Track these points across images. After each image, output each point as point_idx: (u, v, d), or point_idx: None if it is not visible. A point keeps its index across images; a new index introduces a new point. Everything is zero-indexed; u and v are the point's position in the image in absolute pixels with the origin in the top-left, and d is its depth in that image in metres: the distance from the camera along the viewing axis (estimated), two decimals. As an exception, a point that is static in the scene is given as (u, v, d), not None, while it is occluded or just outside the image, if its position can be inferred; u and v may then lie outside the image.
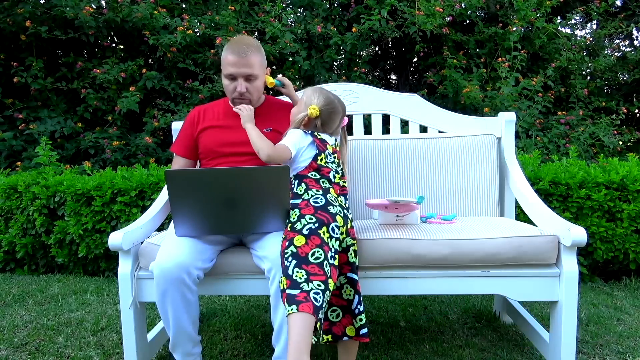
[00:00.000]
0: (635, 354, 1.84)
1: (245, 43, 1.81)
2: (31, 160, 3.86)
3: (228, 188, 1.46)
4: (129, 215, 2.81)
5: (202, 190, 1.46)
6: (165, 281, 1.49)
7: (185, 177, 1.44)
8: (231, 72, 1.80)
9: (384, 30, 4.30)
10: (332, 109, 1.73)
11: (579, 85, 4.56)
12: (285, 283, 1.39)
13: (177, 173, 1.44)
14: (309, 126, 1.74)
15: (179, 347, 1.59)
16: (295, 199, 1.59)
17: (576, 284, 1.57)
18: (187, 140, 1.94)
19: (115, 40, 4.79)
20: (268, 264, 1.51)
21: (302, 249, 1.43)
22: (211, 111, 1.95)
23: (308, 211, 1.52)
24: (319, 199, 1.57)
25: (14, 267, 3.14)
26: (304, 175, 1.64)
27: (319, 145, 1.67)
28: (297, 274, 1.39)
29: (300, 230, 1.47)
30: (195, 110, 1.97)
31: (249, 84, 1.82)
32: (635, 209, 2.54)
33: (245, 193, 1.47)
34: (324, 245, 1.45)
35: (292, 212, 1.55)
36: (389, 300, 2.47)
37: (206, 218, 1.54)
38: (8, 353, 1.92)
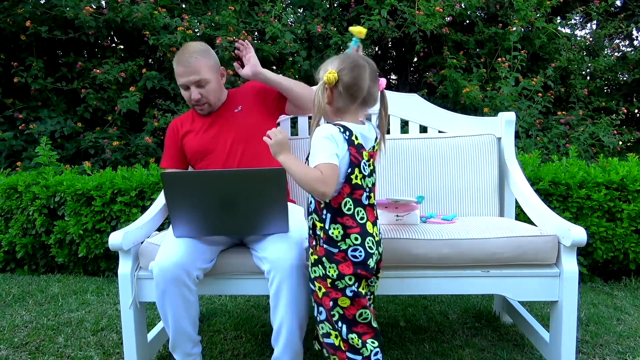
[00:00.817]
0: (635, 354, 1.84)
1: (189, 51, 1.84)
2: (31, 160, 3.85)
3: (225, 190, 1.45)
4: (129, 215, 2.81)
5: (199, 192, 1.46)
6: (164, 281, 1.49)
7: (182, 179, 1.45)
8: (181, 82, 1.85)
9: (384, 30, 4.30)
10: (354, 65, 1.34)
11: (579, 85, 4.56)
12: (344, 346, 1.36)
13: (173, 175, 1.45)
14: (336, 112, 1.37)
15: (179, 347, 1.59)
16: (330, 245, 1.34)
17: (576, 284, 1.57)
18: (173, 151, 1.97)
19: (115, 40, 4.79)
20: (267, 265, 1.52)
21: (348, 310, 1.35)
22: (186, 119, 1.99)
23: (347, 270, 1.33)
24: (357, 252, 1.33)
25: (14, 267, 3.14)
26: (337, 210, 1.34)
27: (353, 157, 1.33)
28: (352, 340, 1.35)
29: (343, 290, 1.34)
30: (172, 123, 2.01)
31: (202, 89, 1.86)
32: (635, 209, 2.54)
33: (242, 194, 1.47)
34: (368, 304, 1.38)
35: (329, 264, 1.34)
36: (389, 300, 2.47)
37: (204, 220, 1.54)
38: (8, 353, 1.92)
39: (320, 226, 1.36)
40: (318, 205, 1.37)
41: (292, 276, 1.49)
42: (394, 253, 1.62)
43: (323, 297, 1.37)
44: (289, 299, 1.50)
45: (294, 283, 1.49)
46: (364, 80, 1.35)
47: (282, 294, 1.50)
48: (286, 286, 1.49)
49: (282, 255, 1.50)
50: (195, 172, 1.47)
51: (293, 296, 1.50)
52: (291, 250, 1.51)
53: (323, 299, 1.37)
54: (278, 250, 1.52)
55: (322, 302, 1.37)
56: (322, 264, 1.36)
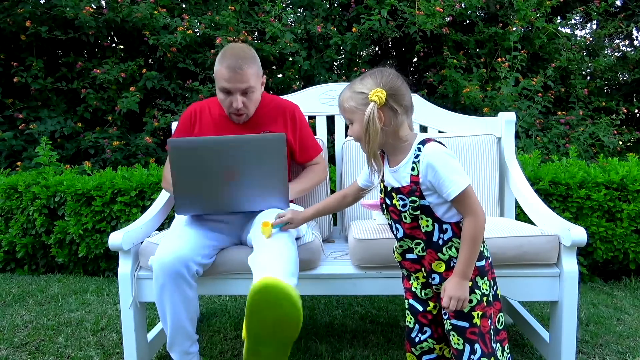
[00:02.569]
0: (635, 354, 1.84)
1: (241, 56, 1.72)
2: (31, 160, 3.85)
3: (228, 157, 1.49)
4: (129, 215, 2.81)
5: (203, 160, 1.49)
6: (164, 274, 1.49)
7: (188, 145, 1.48)
8: (227, 87, 1.72)
9: (384, 30, 4.30)
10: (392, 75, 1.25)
11: (579, 85, 4.56)
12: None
13: (179, 142, 1.48)
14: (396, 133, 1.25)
15: (177, 344, 1.59)
16: (479, 260, 1.25)
17: (576, 284, 1.57)
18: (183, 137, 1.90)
19: (115, 40, 4.79)
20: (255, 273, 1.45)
21: (493, 320, 1.30)
22: (207, 113, 1.90)
23: (492, 276, 1.30)
24: (488, 253, 1.32)
25: (14, 267, 3.14)
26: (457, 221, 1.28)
27: None
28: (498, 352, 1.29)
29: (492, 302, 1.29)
30: (191, 108, 1.92)
31: (246, 98, 1.76)
32: (635, 209, 2.54)
33: (245, 162, 1.50)
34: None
35: (481, 280, 1.26)
36: (389, 300, 2.47)
37: (207, 192, 1.55)
38: (8, 353, 1.92)
39: None
40: (456, 228, 1.26)
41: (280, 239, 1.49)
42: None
43: (482, 322, 1.26)
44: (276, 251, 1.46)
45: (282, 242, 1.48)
46: (406, 87, 1.26)
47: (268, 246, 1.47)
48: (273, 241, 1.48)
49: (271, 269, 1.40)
50: (201, 138, 1.50)
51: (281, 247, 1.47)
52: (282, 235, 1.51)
53: (482, 324, 1.26)
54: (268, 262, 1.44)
55: (481, 327, 1.26)
56: (477, 285, 1.25)
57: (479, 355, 1.26)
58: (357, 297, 2.53)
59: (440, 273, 1.28)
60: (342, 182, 2.17)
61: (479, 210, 1.21)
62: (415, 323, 1.37)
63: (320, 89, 2.29)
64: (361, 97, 1.23)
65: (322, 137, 2.24)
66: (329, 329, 2.12)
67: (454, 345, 1.28)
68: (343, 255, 1.84)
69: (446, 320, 1.29)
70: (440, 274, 1.27)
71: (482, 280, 1.26)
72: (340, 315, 2.30)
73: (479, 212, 1.21)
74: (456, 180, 1.19)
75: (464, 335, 1.26)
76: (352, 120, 1.27)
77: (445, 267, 1.27)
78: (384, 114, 1.22)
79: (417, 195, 1.24)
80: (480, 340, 1.26)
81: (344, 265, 1.71)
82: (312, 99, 2.27)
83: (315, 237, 1.71)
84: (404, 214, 1.28)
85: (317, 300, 2.50)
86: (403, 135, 1.26)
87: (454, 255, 1.25)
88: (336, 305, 2.44)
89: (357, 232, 1.71)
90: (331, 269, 1.69)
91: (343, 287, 1.66)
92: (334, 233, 2.23)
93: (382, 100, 1.20)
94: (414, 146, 1.25)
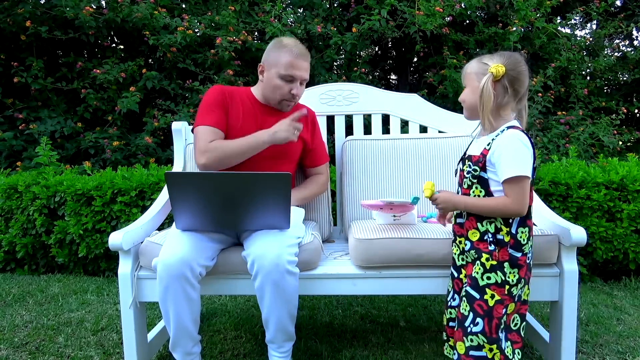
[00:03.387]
0: (635, 353, 1.84)
1: (304, 48, 1.82)
2: (31, 160, 3.85)
3: (229, 190, 1.46)
4: (129, 215, 2.81)
5: (202, 192, 1.47)
6: (168, 277, 1.50)
7: (186, 180, 1.45)
8: (292, 73, 1.77)
9: (384, 30, 4.30)
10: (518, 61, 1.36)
11: (579, 85, 4.56)
12: (500, 357, 1.33)
13: (177, 175, 1.44)
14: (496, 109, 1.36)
15: (179, 346, 1.59)
16: (516, 249, 1.34)
17: (576, 284, 1.57)
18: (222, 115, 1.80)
19: (115, 40, 4.79)
20: (251, 259, 1.53)
21: (509, 317, 1.36)
22: (239, 101, 1.85)
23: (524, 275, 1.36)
24: (531, 254, 1.39)
25: (14, 267, 3.14)
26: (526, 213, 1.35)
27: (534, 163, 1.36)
28: (507, 349, 1.35)
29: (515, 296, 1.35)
30: (220, 88, 1.84)
31: (301, 89, 1.84)
32: (635, 209, 2.54)
33: (247, 197, 1.48)
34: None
35: (510, 269, 1.33)
36: (389, 300, 2.47)
37: (207, 216, 1.55)
38: (8, 353, 1.92)
39: (506, 230, 1.34)
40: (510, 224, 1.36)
41: (274, 271, 1.50)
42: (394, 253, 1.62)
43: (495, 305, 1.33)
44: (274, 293, 1.52)
45: (277, 278, 1.50)
46: (526, 76, 1.37)
47: (266, 289, 1.52)
48: (269, 282, 1.51)
49: (266, 250, 1.51)
50: (200, 173, 1.47)
51: (280, 290, 1.51)
52: (277, 247, 1.52)
53: (495, 307, 1.33)
54: (262, 244, 1.53)
55: (494, 311, 1.33)
56: (502, 269, 1.33)
57: (479, 329, 1.34)
58: (357, 297, 2.53)
59: (472, 241, 1.39)
60: (342, 182, 2.17)
61: (520, 203, 1.30)
62: (451, 288, 1.50)
63: (320, 89, 2.29)
64: (483, 67, 1.36)
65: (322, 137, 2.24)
66: (329, 329, 2.13)
67: (461, 310, 1.39)
68: (343, 255, 1.84)
69: (465, 286, 1.39)
70: (472, 242, 1.39)
71: (510, 269, 1.34)
72: (340, 315, 2.30)
73: (518, 204, 1.30)
74: (514, 166, 1.30)
75: (472, 304, 1.36)
76: (467, 85, 1.41)
77: (479, 238, 1.37)
78: (496, 88, 1.34)
79: (480, 167, 1.36)
80: (487, 318, 1.33)
81: (344, 265, 1.72)
82: (312, 99, 2.27)
83: (315, 237, 1.71)
84: (465, 179, 1.42)
85: (317, 300, 2.51)
86: (503, 114, 1.38)
87: (491, 230, 1.35)
88: (336, 305, 2.44)
89: (357, 232, 1.71)
90: (331, 269, 1.69)
91: (343, 287, 1.66)
92: (334, 233, 2.23)
93: (498, 75, 1.32)
94: (502, 127, 1.37)
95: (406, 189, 2.10)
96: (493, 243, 1.35)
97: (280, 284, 1.51)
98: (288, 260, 1.52)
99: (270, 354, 1.63)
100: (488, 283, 1.34)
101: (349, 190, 2.13)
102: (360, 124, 2.30)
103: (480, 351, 1.34)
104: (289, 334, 1.61)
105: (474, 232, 1.38)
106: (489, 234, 1.35)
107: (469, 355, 1.35)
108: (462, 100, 1.44)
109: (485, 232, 1.36)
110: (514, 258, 1.34)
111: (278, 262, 1.50)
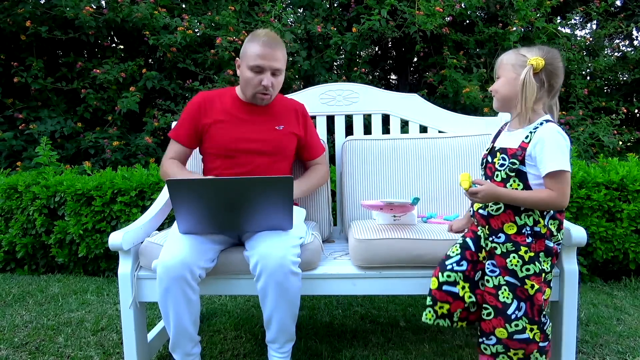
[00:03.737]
0: (635, 354, 1.84)
1: (274, 37, 1.78)
2: (31, 160, 3.85)
3: (231, 195, 1.46)
4: (129, 215, 2.81)
5: (204, 197, 1.47)
6: (168, 279, 1.50)
7: (188, 186, 1.45)
8: (260, 64, 1.74)
9: (384, 30, 4.30)
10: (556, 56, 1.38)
11: (579, 85, 4.56)
12: (540, 337, 1.39)
13: (179, 182, 1.44)
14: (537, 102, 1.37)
15: (179, 347, 1.59)
16: (550, 239, 1.40)
17: (576, 284, 1.57)
18: (188, 129, 1.87)
19: (115, 40, 4.79)
20: (254, 259, 1.53)
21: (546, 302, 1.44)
22: (219, 102, 1.88)
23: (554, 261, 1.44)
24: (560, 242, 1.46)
25: (14, 267, 3.14)
26: None
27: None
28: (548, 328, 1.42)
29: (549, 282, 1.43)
30: (199, 97, 1.89)
31: (274, 79, 1.79)
32: (635, 209, 2.54)
33: (248, 201, 1.48)
34: None
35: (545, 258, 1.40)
36: (389, 300, 2.47)
37: (209, 220, 1.55)
38: (8, 353, 1.92)
39: (543, 223, 1.39)
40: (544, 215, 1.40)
41: (278, 272, 1.50)
42: (394, 253, 1.62)
43: (536, 294, 1.37)
44: (278, 293, 1.51)
45: (281, 279, 1.50)
46: (562, 72, 1.39)
47: (269, 290, 1.52)
48: (273, 282, 1.50)
49: (270, 251, 1.51)
50: (202, 179, 1.48)
51: (283, 290, 1.51)
52: (281, 248, 1.52)
53: (536, 296, 1.37)
54: (266, 245, 1.53)
55: (534, 298, 1.37)
56: (539, 259, 1.38)
57: (523, 312, 1.37)
58: (357, 297, 2.53)
59: (508, 235, 1.40)
60: (342, 182, 2.17)
61: (565, 196, 1.33)
62: (459, 254, 1.49)
63: (320, 89, 2.29)
64: (521, 59, 1.36)
65: (322, 137, 2.24)
66: (329, 329, 2.13)
67: (501, 299, 1.39)
68: (343, 255, 1.84)
69: (497, 277, 1.41)
70: (509, 236, 1.40)
71: (545, 258, 1.39)
72: (340, 315, 2.30)
73: (563, 197, 1.33)
74: (556, 159, 1.32)
75: (515, 292, 1.38)
76: (500, 75, 1.42)
77: (517, 231, 1.39)
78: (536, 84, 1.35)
79: (519, 160, 1.37)
80: (529, 303, 1.37)
81: (344, 265, 1.72)
82: (312, 99, 2.27)
83: (315, 237, 1.71)
84: (497, 172, 1.42)
85: (317, 300, 2.51)
86: (537, 109, 1.39)
87: (529, 224, 1.38)
88: (336, 305, 2.44)
89: (357, 232, 1.71)
90: (331, 269, 1.69)
91: (343, 287, 1.66)
92: (334, 233, 2.23)
93: (538, 67, 1.33)
94: (539, 121, 1.38)
95: (406, 189, 2.10)
96: (531, 235, 1.39)
97: (283, 284, 1.51)
98: (292, 261, 1.52)
99: (270, 354, 1.63)
100: (527, 274, 1.38)
101: (349, 190, 2.13)
102: (360, 124, 2.30)
103: (523, 334, 1.38)
104: (290, 334, 1.61)
105: (511, 225, 1.40)
106: (527, 227, 1.39)
107: (513, 339, 1.38)
108: (495, 90, 1.43)
109: (523, 225, 1.39)
110: (548, 248, 1.39)
111: (282, 263, 1.50)
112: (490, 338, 1.42)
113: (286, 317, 1.56)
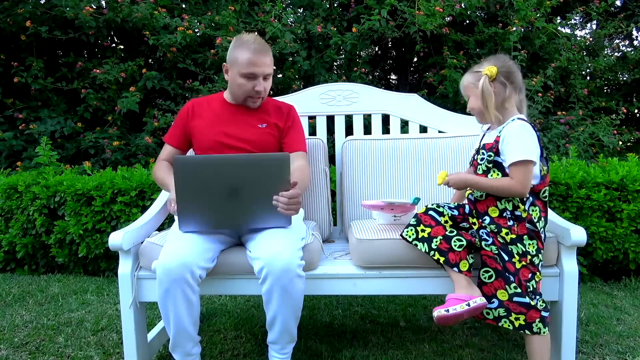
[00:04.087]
0: (635, 353, 1.84)
1: (262, 42, 1.82)
2: (31, 160, 3.85)
3: (233, 176, 1.50)
4: (129, 215, 2.81)
5: (208, 178, 1.50)
6: (168, 280, 1.49)
7: (194, 163, 1.49)
8: (253, 71, 1.78)
9: (384, 30, 4.30)
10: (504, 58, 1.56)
11: (579, 85, 4.56)
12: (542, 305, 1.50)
13: (185, 160, 1.50)
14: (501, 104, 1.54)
15: (179, 347, 1.59)
16: (532, 224, 1.50)
17: (576, 284, 1.57)
18: (178, 132, 1.95)
19: (115, 40, 4.79)
20: (260, 263, 1.52)
21: (538, 285, 1.51)
22: (207, 105, 1.94)
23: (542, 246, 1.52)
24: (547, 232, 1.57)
25: (14, 267, 3.14)
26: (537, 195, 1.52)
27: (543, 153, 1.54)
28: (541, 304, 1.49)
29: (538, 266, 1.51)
30: (190, 102, 1.96)
31: (266, 83, 1.84)
32: (635, 209, 2.54)
33: (249, 181, 1.51)
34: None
35: (529, 240, 1.50)
36: (389, 300, 2.47)
37: (210, 210, 1.56)
38: (8, 353, 1.92)
39: (523, 208, 1.50)
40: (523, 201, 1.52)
41: (284, 276, 1.49)
42: (394, 253, 1.62)
43: (521, 269, 1.48)
44: (283, 296, 1.51)
45: (287, 282, 1.50)
46: (517, 69, 1.55)
47: (274, 294, 1.51)
48: (279, 286, 1.50)
49: (276, 255, 1.50)
50: (208, 156, 1.54)
51: (288, 294, 1.51)
52: (287, 251, 1.52)
53: (521, 270, 1.48)
54: (271, 248, 1.53)
55: (520, 272, 1.47)
56: (522, 241, 1.49)
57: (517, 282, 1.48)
58: (357, 297, 2.53)
59: (492, 217, 1.54)
60: (342, 182, 2.17)
61: (522, 185, 1.45)
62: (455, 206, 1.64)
63: (320, 89, 2.29)
64: (477, 74, 1.53)
65: (322, 137, 2.24)
66: (329, 329, 2.13)
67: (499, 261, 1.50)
68: (343, 255, 1.84)
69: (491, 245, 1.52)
70: (492, 218, 1.54)
71: (529, 241, 1.49)
72: (340, 315, 2.30)
73: (520, 185, 1.45)
74: (517, 151, 1.46)
75: (504, 262, 1.49)
76: (469, 95, 1.58)
77: (498, 214, 1.53)
78: (495, 87, 1.52)
79: (494, 152, 1.52)
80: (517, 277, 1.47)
81: (344, 265, 1.72)
82: (312, 99, 2.27)
83: (315, 237, 1.71)
84: (479, 166, 1.57)
85: (317, 300, 2.51)
86: (509, 107, 1.55)
87: (509, 208, 1.51)
88: (336, 305, 2.44)
89: (357, 232, 1.71)
90: (331, 269, 1.68)
91: (343, 287, 1.66)
92: (334, 233, 2.23)
93: (493, 74, 1.50)
94: (510, 119, 1.53)
95: (406, 189, 2.10)
96: (512, 219, 1.50)
97: (288, 288, 1.51)
98: (298, 264, 1.52)
99: (270, 355, 1.63)
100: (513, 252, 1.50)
101: (349, 190, 2.13)
102: (360, 124, 2.30)
103: (523, 297, 1.46)
104: (292, 336, 1.61)
105: (494, 209, 1.54)
106: (507, 212, 1.51)
107: (514, 301, 1.47)
108: (471, 108, 1.59)
109: (503, 209, 1.52)
110: (531, 231, 1.49)
111: (289, 268, 1.50)
112: (493, 301, 1.50)
113: (289, 319, 1.56)
